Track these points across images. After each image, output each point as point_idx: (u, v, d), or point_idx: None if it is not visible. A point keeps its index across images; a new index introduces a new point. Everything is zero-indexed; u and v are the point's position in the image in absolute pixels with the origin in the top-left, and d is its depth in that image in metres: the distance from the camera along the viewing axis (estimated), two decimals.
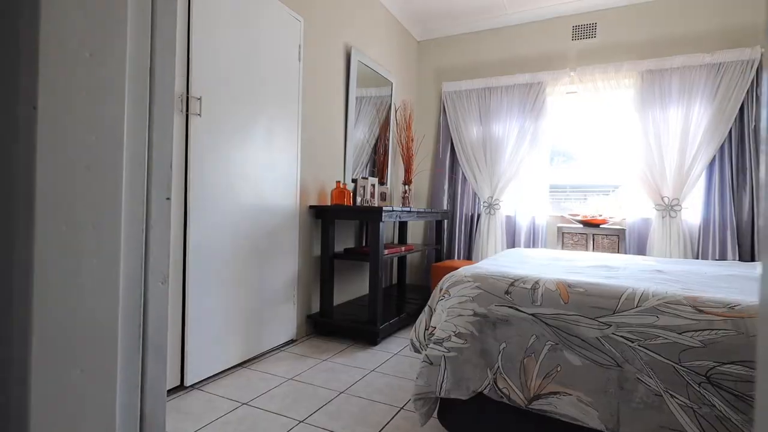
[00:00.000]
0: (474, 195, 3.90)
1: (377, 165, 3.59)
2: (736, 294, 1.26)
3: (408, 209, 2.90)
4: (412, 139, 3.60)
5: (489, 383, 1.31)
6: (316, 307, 2.82)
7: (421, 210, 3.14)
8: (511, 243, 3.73)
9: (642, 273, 1.69)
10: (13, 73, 0.53)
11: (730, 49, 2.97)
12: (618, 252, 3.23)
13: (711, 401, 1.04)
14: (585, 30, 3.51)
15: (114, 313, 0.58)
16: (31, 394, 0.52)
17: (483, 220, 3.76)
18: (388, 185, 3.71)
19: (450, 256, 3.98)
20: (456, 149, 3.92)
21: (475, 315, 1.36)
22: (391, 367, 2.19)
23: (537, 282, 1.35)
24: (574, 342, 1.21)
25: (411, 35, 4.13)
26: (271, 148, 2.35)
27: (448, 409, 1.41)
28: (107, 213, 0.58)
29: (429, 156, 4.17)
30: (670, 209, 3.11)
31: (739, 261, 2.89)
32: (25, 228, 0.53)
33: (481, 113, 3.81)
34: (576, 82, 3.45)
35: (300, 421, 1.61)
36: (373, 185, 3.18)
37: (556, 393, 1.22)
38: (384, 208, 2.54)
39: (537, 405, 1.23)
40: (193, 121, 1.89)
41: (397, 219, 2.80)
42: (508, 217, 3.75)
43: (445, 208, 3.96)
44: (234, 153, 2.10)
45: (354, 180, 3.11)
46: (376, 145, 3.55)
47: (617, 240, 3.24)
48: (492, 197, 3.72)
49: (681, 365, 1.07)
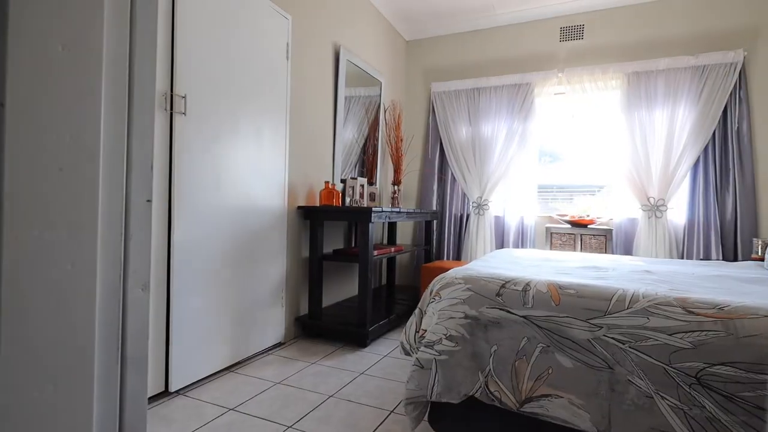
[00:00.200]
0: (463, 195, 3.90)
1: (366, 165, 3.56)
2: (724, 294, 1.27)
3: (397, 210, 2.88)
4: (401, 139, 3.58)
5: (480, 386, 1.29)
6: (304, 309, 2.78)
7: (411, 210, 3.13)
8: (500, 243, 3.74)
9: (631, 274, 1.69)
10: None
11: (713, 52, 3.02)
12: (606, 252, 3.26)
13: (701, 402, 1.04)
14: (573, 31, 3.54)
15: (90, 323, 0.54)
16: None
17: (472, 220, 3.76)
18: (377, 185, 3.69)
19: (439, 256, 3.97)
20: (445, 149, 3.91)
21: (466, 317, 1.35)
22: (381, 370, 2.17)
23: (528, 284, 1.34)
24: (565, 344, 1.21)
25: (400, 35, 4.11)
26: (259, 147, 2.31)
27: (439, 413, 1.40)
28: (83, 216, 0.55)
29: (418, 156, 4.16)
30: (656, 209, 3.15)
31: (723, 260, 2.94)
32: None
33: (470, 113, 3.81)
34: (564, 83, 3.48)
35: (288, 427, 1.58)
36: (363, 186, 3.16)
37: (547, 396, 1.21)
38: (373, 208, 2.52)
39: (528, 408, 1.23)
40: (178, 120, 1.84)
41: (387, 219, 2.78)
42: (497, 218, 3.76)
43: (435, 208, 3.96)
44: (220, 152, 2.05)
45: (343, 180, 3.09)
46: (365, 146, 3.53)
47: (605, 240, 3.27)
48: (481, 197, 3.73)
49: (671, 367, 1.07)
